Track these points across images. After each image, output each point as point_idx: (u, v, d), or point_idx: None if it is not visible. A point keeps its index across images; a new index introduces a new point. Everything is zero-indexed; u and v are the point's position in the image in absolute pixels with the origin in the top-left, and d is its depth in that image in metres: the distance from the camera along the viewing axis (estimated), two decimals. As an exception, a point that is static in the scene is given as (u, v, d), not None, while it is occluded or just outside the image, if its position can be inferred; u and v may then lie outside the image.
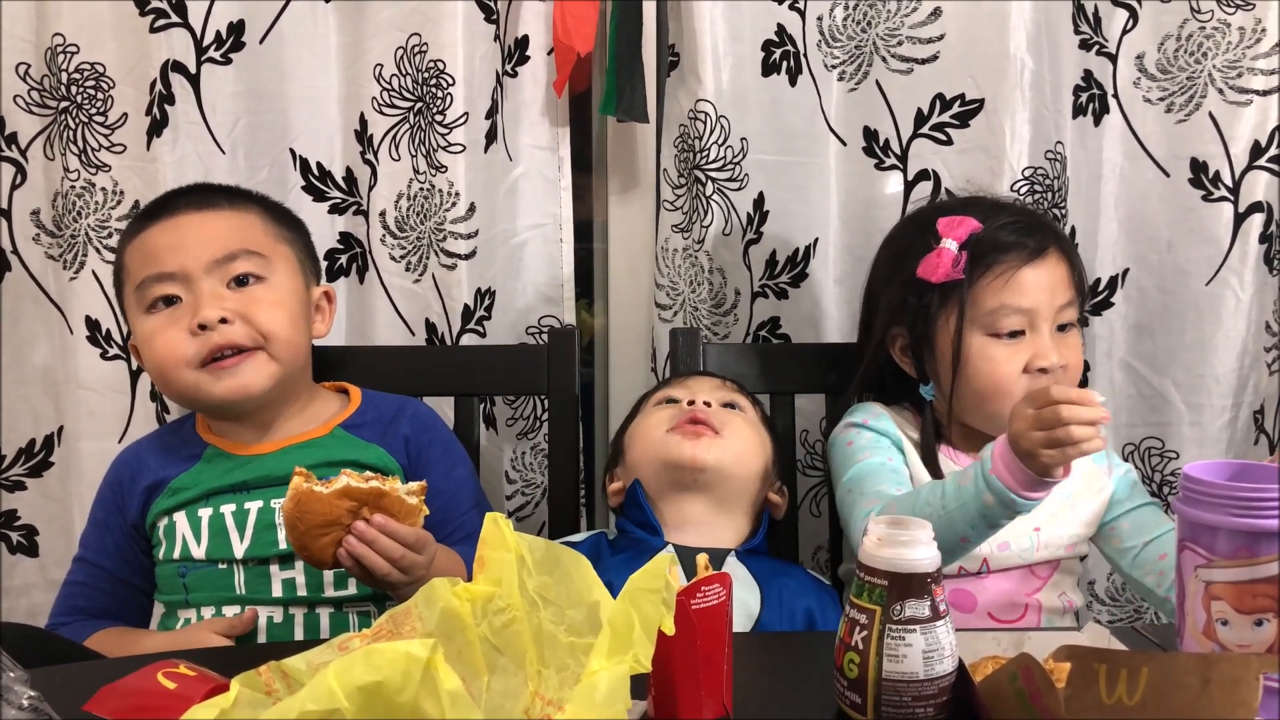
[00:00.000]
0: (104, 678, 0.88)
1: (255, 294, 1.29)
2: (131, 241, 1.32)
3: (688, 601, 0.82)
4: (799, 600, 1.23)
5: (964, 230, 1.29)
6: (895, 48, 1.60)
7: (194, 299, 1.27)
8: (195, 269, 1.27)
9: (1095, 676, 0.76)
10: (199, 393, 1.27)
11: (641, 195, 1.72)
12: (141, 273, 1.28)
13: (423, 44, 1.56)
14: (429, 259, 1.61)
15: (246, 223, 1.33)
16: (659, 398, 1.38)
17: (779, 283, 1.65)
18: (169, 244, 1.28)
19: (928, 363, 1.34)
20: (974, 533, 1.14)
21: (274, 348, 1.29)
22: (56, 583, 1.65)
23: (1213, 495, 0.86)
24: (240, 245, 1.30)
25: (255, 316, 1.27)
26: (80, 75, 1.55)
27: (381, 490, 1.08)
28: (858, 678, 0.86)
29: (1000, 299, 1.28)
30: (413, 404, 1.41)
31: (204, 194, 1.36)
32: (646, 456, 1.31)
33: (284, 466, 1.28)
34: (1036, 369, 1.28)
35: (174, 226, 1.30)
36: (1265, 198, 1.61)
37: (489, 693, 0.81)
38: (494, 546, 0.82)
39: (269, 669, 0.79)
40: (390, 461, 1.32)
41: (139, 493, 1.31)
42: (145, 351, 1.29)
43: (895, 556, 0.86)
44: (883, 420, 1.35)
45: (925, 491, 1.19)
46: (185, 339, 1.25)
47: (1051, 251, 1.31)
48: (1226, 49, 1.59)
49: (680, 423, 1.29)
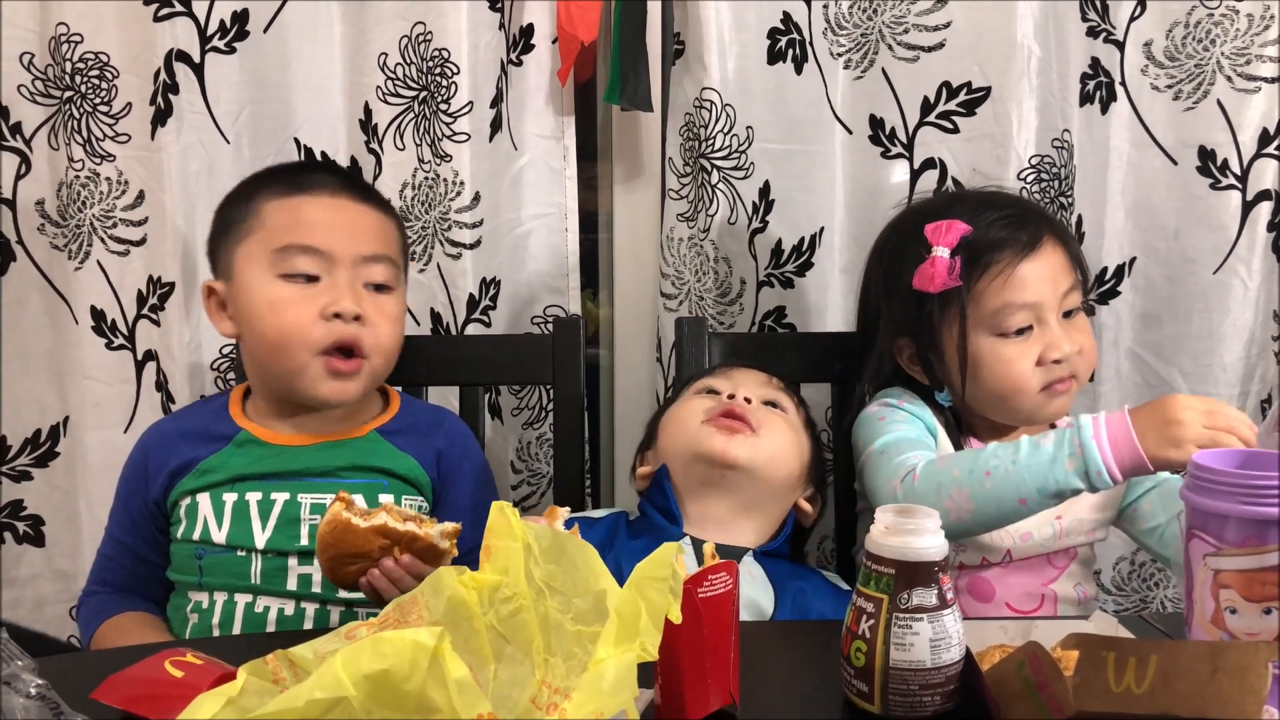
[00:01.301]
0: (111, 666, 0.88)
1: (384, 304, 1.30)
2: (281, 199, 1.29)
3: (695, 590, 0.82)
4: (814, 603, 1.21)
5: (953, 235, 1.26)
6: (901, 35, 1.59)
7: (334, 285, 1.26)
8: (344, 257, 1.27)
9: (1103, 664, 0.76)
10: (303, 377, 1.26)
11: (646, 184, 1.72)
12: (288, 237, 1.26)
13: (427, 33, 1.55)
14: (434, 248, 1.61)
15: (389, 229, 1.34)
16: (700, 386, 1.35)
17: (784, 272, 1.65)
18: (326, 221, 1.28)
19: (937, 369, 1.31)
20: (1037, 497, 1.12)
21: (377, 362, 1.30)
22: (63, 573, 1.67)
23: (1221, 483, 0.85)
24: (385, 250, 1.31)
25: (380, 327, 1.28)
26: (84, 65, 1.54)
27: (416, 535, 1.08)
28: (865, 666, 0.86)
29: (1003, 298, 1.26)
30: (450, 418, 1.41)
31: (357, 184, 1.36)
32: (678, 444, 1.28)
33: (316, 462, 1.29)
34: (1051, 361, 1.26)
35: (334, 206, 1.29)
36: (1273, 185, 1.60)
37: (496, 681, 0.81)
38: (501, 535, 0.82)
39: (276, 657, 0.79)
40: (421, 474, 1.32)
41: (165, 473, 1.30)
42: (268, 317, 1.26)
43: (902, 545, 0.86)
44: (919, 406, 1.32)
45: (992, 448, 1.16)
46: (315, 321, 1.25)
47: (1046, 240, 1.28)
48: (1235, 36, 1.58)
49: (716, 415, 1.26)
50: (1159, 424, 1.09)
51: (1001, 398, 1.28)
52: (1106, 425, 1.11)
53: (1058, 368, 1.26)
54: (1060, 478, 1.11)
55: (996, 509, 1.13)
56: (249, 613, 1.24)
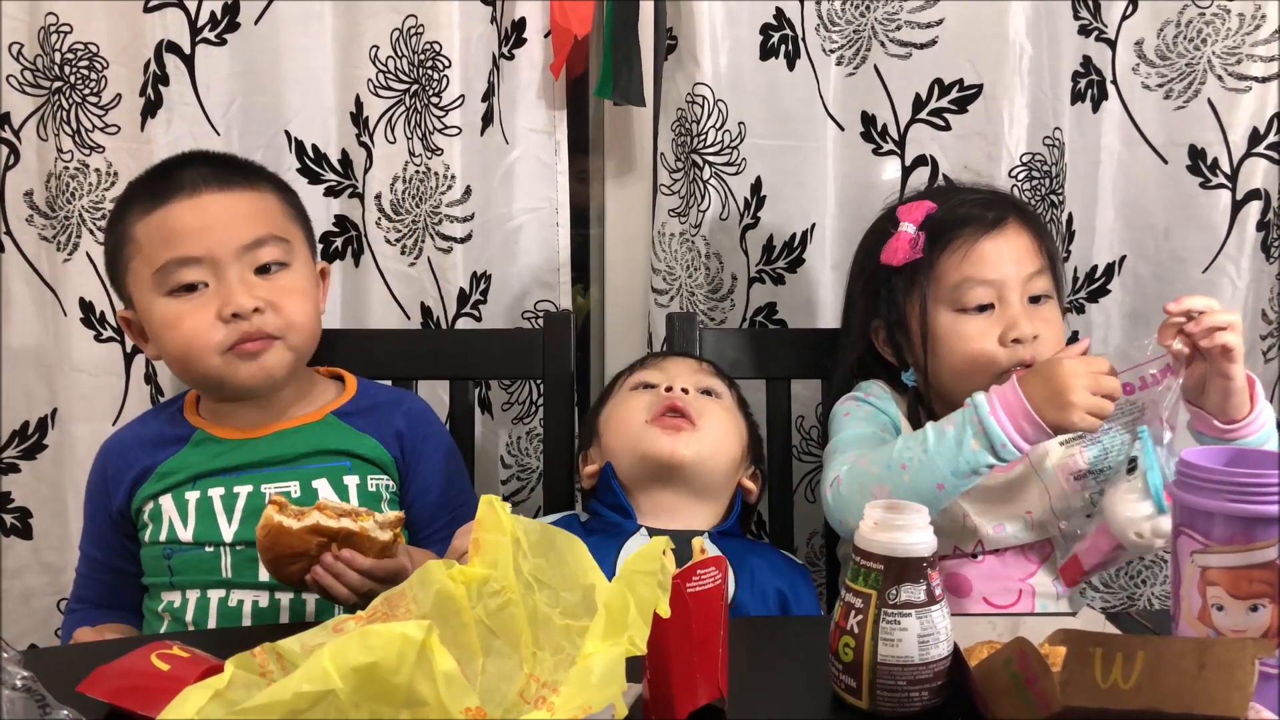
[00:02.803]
0: (98, 659, 0.88)
1: (282, 283, 1.27)
2: (146, 217, 1.26)
3: (683, 585, 0.82)
4: (770, 580, 1.24)
5: (919, 212, 1.30)
6: (894, 32, 1.59)
7: (223, 286, 1.24)
8: (224, 255, 1.24)
9: (1090, 660, 0.76)
10: (222, 377, 1.26)
11: (638, 179, 1.71)
12: (164, 255, 1.24)
13: (419, 25, 1.55)
14: (424, 242, 1.60)
15: (267, 204, 1.30)
16: (635, 382, 1.35)
17: (776, 268, 1.65)
18: (194, 226, 1.24)
19: (904, 347, 1.34)
20: (953, 480, 1.16)
21: (294, 338, 1.28)
22: (50, 565, 1.66)
23: (1209, 481, 0.86)
24: (266, 230, 1.27)
25: (284, 307, 1.26)
26: (74, 55, 1.54)
27: (350, 530, 1.09)
28: (853, 661, 0.86)
29: (961, 272, 1.28)
30: (409, 397, 1.40)
31: (219, 169, 1.30)
32: (623, 445, 1.30)
33: (276, 451, 1.28)
34: (1011, 340, 1.27)
35: (198, 207, 1.25)
36: (1263, 185, 1.61)
37: (484, 675, 0.81)
38: (489, 529, 0.82)
39: (263, 650, 0.79)
40: (382, 453, 1.31)
41: (125, 482, 1.30)
42: (167, 335, 1.25)
43: (891, 541, 0.86)
44: (885, 400, 1.35)
45: (903, 439, 1.20)
46: (213, 325, 1.23)
47: (1011, 222, 1.31)
48: (1226, 35, 1.58)
49: (658, 414, 1.28)
50: (1049, 394, 1.14)
51: (961, 375, 1.29)
52: (1001, 400, 1.15)
53: (1019, 349, 1.27)
54: (970, 458, 1.15)
55: (918, 499, 1.14)
56: (223, 607, 1.23)
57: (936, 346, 1.30)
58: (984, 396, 1.17)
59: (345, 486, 1.28)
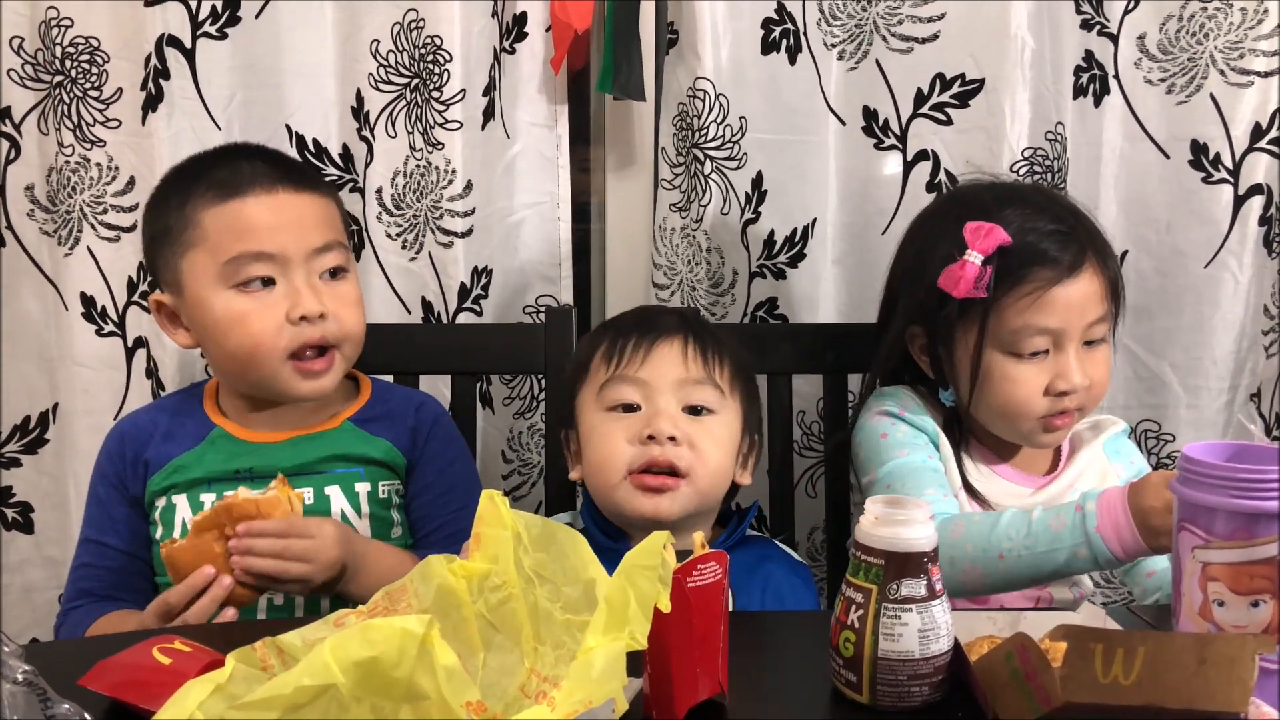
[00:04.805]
0: (99, 652, 0.88)
1: (343, 291, 1.28)
2: (217, 206, 1.24)
3: (684, 579, 0.82)
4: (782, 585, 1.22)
5: (991, 242, 1.20)
6: (895, 26, 1.59)
7: (293, 287, 1.24)
8: (297, 255, 1.24)
9: (1091, 656, 0.76)
10: (276, 382, 1.25)
11: (639, 174, 1.71)
12: (236, 247, 1.22)
13: (420, 19, 1.55)
14: (425, 237, 1.60)
15: (331, 211, 1.31)
16: (614, 399, 1.21)
17: (777, 263, 1.65)
18: (270, 223, 1.24)
19: (946, 369, 1.30)
20: (1050, 579, 1.16)
21: (348, 348, 1.28)
22: (52, 560, 1.66)
23: (1211, 476, 0.86)
24: (333, 236, 1.28)
25: (345, 316, 1.26)
26: (75, 49, 1.53)
27: (227, 505, 1.10)
28: (853, 656, 0.86)
29: (1025, 319, 1.22)
30: (422, 398, 1.40)
31: (292, 171, 1.31)
32: (600, 493, 1.22)
33: (292, 458, 1.28)
34: (1058, 391, 1.23)
35: (275, 203, 1.25)
36: (1265, 180, 1.60)
37: (485, 669, 0.81)
38: (490, 524, 0.82)
39: (264, 644, 0.79)
40: (396, 455, 1.31)
41: (140, 465, 1.29)
42: (232, 331, 1.23)
43: (892, 535, 0.86)
44: (919, 414, 1.30)
45: (1006, 522, 1.14)
46: (280, 327, 1.23)
47: (1088, 265, 1.23)
48: (1228, 30, 1.58)
49: (638, 469, 1.18)
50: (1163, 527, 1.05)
51: (1001, 415, 1.27)
52: (1106, 512, 1.09)
53: (1063, 399, 1.24)
54: (1075, 565, 1.12)
55: (1009, 585, 1.16)
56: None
57: (983, 384, 1.25)
58: (1094, 508, 1.09)
59: (357, 494, 1.28)
